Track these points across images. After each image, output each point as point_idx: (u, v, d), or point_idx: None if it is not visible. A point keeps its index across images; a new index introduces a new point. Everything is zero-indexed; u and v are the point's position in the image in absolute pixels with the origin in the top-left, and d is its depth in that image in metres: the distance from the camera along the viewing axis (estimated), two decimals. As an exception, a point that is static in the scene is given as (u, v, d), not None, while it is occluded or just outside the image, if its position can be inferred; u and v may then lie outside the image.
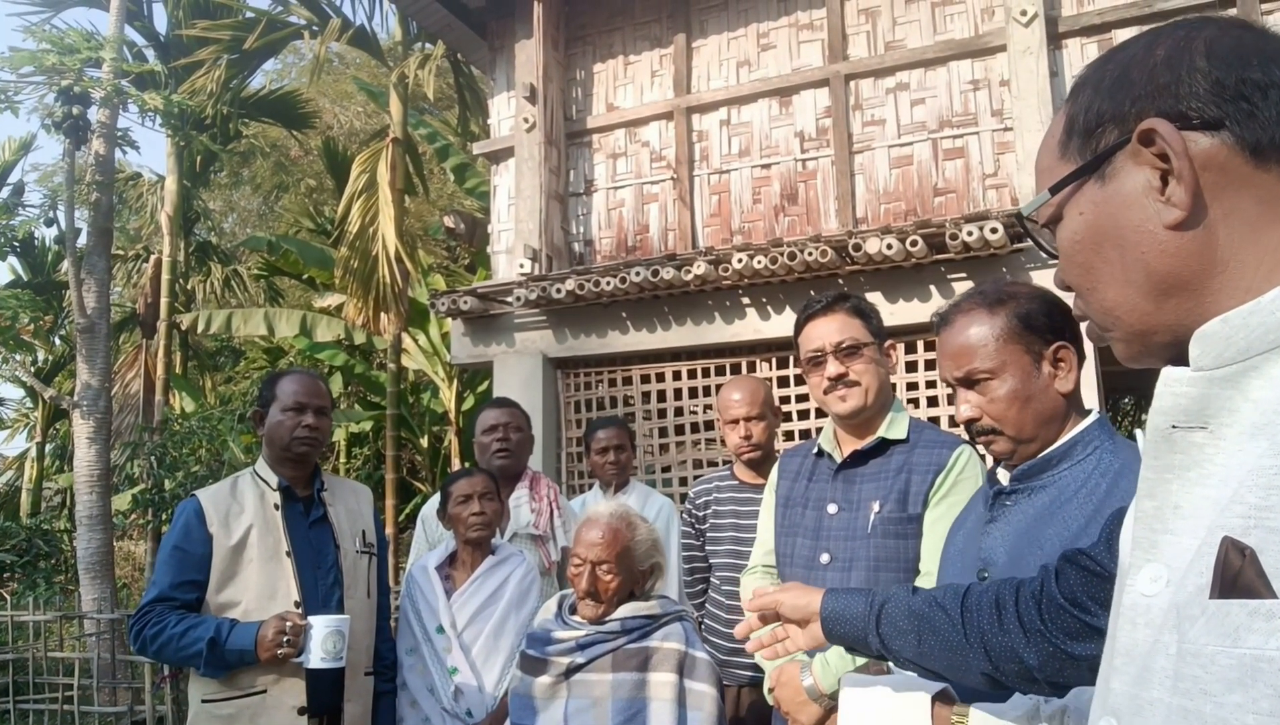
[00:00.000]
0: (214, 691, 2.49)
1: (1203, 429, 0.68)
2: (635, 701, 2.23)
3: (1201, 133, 0.70)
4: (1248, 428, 0.65)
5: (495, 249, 6.53)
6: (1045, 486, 1.56)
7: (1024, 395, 1.57)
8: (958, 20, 5.40)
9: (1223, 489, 0.65)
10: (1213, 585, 0.61)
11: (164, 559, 2.55)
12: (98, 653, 6.24)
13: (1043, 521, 1.52)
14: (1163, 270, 0.72)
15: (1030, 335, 1.59)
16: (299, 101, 11.31)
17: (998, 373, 1.58)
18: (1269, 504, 0.60)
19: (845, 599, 1.39)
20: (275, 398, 2.71)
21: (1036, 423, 1.57)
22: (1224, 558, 0.61)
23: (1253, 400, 0.65)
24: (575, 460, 5.89)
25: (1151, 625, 0.68)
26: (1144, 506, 0.72)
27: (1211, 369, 0.67)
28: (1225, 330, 0.67)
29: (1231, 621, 0.60)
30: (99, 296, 7.62)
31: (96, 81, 7.20)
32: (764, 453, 3.09)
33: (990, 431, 1.59)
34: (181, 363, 13.05)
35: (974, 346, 1.59)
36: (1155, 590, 0.69)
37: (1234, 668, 0.59)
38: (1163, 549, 0.69)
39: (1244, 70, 0.70)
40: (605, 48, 6.39)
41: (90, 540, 7.51)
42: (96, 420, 7.58)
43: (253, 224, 18.88)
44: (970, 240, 4.60)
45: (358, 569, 2.74)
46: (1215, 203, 0.70)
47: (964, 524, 1.75)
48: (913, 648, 1.31)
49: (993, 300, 1.62)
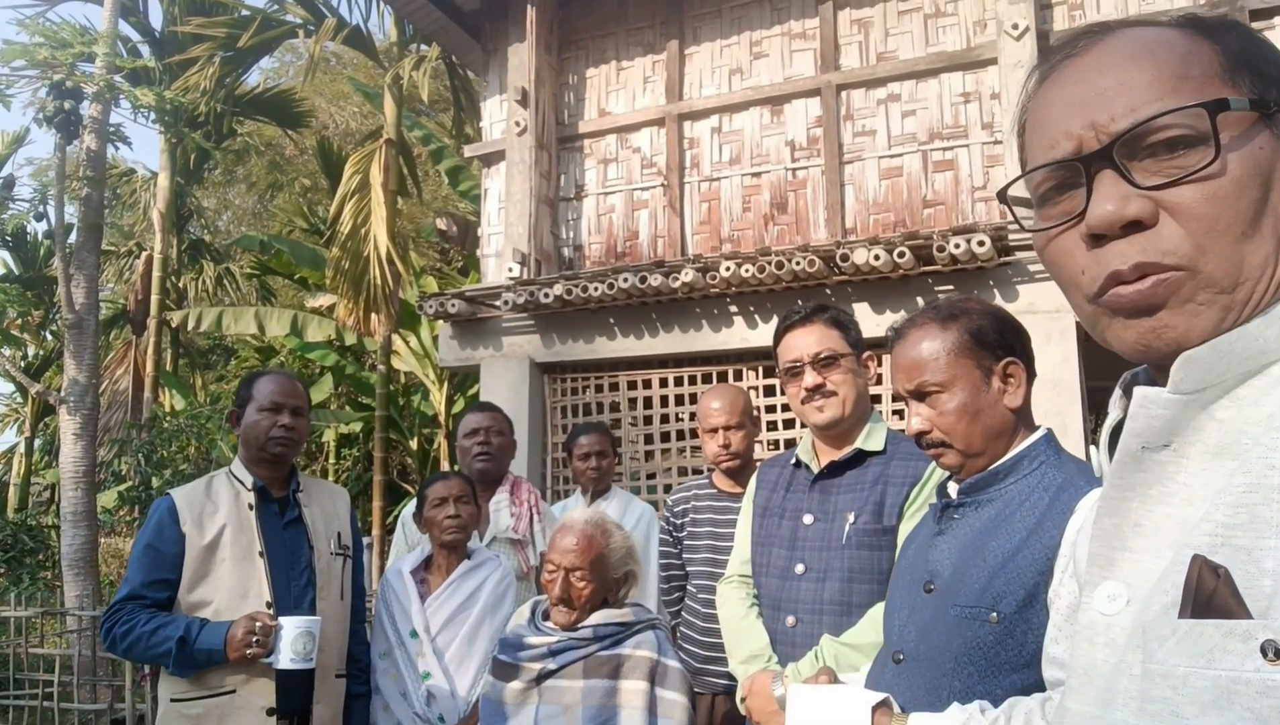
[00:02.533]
0: (183, 691, 2.48)
1: (1166, 448, 0.67)
2: (606, 709, 2.23)
3: None
4: (1213, 447, 0.65)
5: (485, 252, 6.53)
6: (992, 500, 1.58)
7: (973, 409, 1.59)
8: (950, 32, 5.42)
9: (1186, 508, 0.65)
10: (1182, 604, 0.61)
11: (136, 557, 2.54)
12: (79, 649, 6.21)
13: (987, 534, 1.54)
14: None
15: (981, 351, 1.61)
16: (294, 100, 11.31)
17: (948, 386, 1.60)
18: (1236, 522, 0.60)
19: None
20: (252, 398, 2.70)
21: (985, 437, 1.59)
22: (1197, 577, 0.60)
23: (1218, 420, 0.65)
24: (560, 465, 5.88)
25: (1113, 645, 0.67)
26: (1104, 524, 0.71)
27: (1190, 393, 0.66)
28: (1212, 356, 0.66)
29: (1205, 642, 0.58)
30: (88, 292, 7.60)
31: (89, 76, 7.19)
32: (742, 462, 3.09)
33: (940, 444, 1.61)
34: (172, 360, 13.03)
35: (925, 360, 1.61)
36: (1115, 609, 0.68)
37: (1208, 689, 0.58)
38: (1121, 567, 0.69)
39: None
40: (598, 52, 6.40)
41: (75, 536, 7.49)
42: (83, 416, 7.56)
43: (247, 222, 18.87)
44: (958, 253, 4.61)
45: (332, 571, 2.73)
46: None
47: (915, 538, 1.77)
48: None
49: (945, 315, 1.65)
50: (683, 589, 3.27)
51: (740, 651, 2.28)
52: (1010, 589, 1.44)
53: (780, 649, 2.18)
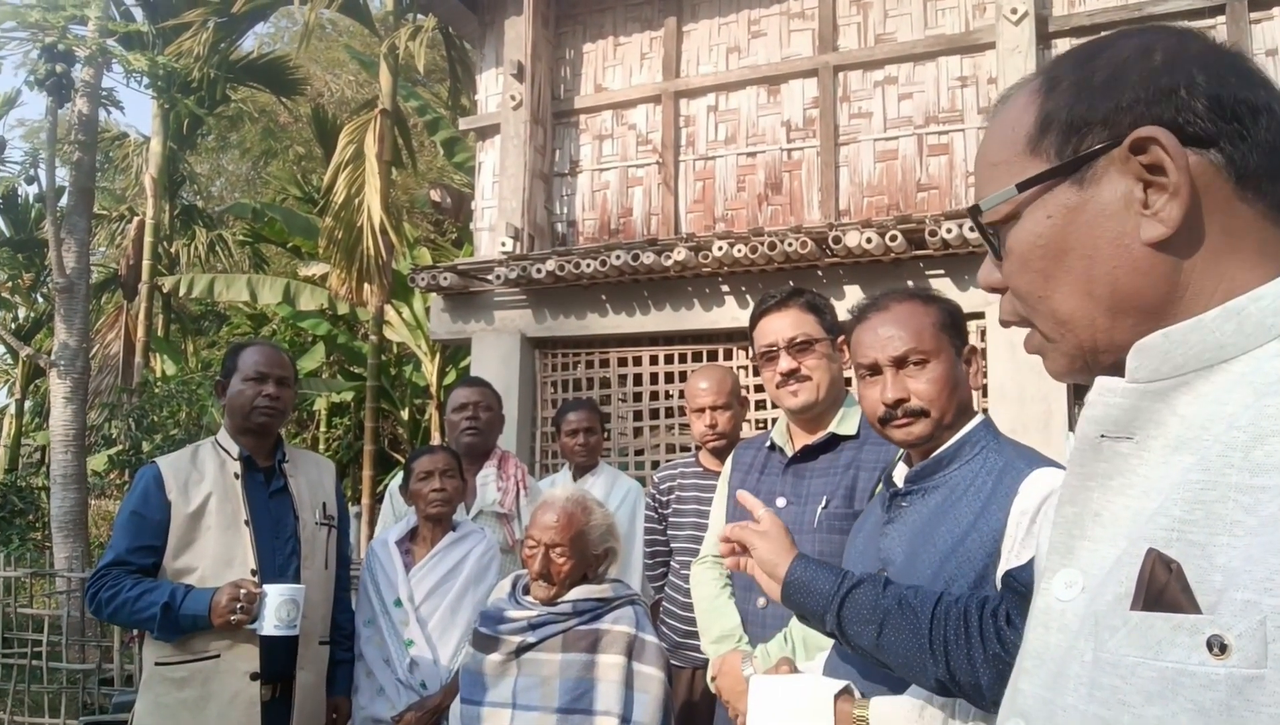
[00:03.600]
0: (167, 655, 2.52)
1: (1129, 439, 0.68)
2: (583, 682, 2.27)
3: (1193, 149, 0.67)
4: (1173, 441, 0.66)
5: (478, 226, 6.51)
6: (938, 487, 1.62)
7: (953, 381, 1.65)
8: (949, 15, 5.40)
9: (1145, 500, 0.66)
10: (1135, 596, 0.62)
11: (122, 523, 2.57)
12: (68, 610, 6.26)
13: (936, 520, 1.58)
14: (1130, 288, 0.69)
15: (954, 331, 1.69)
16: (288, 67, 11.21)
17: (934, 356, 1.65)
18: (1192, 518, 0.60)
19: (814, 571, 1.43)
20: (237, 368, 2.72)
21: (957, 410, 1.65)
22: (1150, 570, 0.61)
23: (1180, 415, 0.66)
24: (549, 440, 5.91)
25: (1066, 631, 0.68)
26: (1064, 512, 0.72)
27: (1146, 382, 0.67)
28: (1165, 345, 0.67)
29: (1154, 634, 0.59)
30: (79, 256, 7.57)
31: (81, 40, 7.13)
32: (729, 441, 3.11)
33: (916, 413, 1.63)
34: (163, 326, 12.99)
35: (916, 329, 1.66)
36: (1070, 596, 0.69)
37: (1155, 680, 0.59)
38: (1079, 555, 0.70)
39: (1240, 90, 0.68)
40: (595, 28, 6.37)
41: (65, 499, 7.52)
42: (74, 380, 7.56)
43: (240, 189, 18.75)
44: (950, 237, 4.62)
45: (316, 540, 2.76)
46: (1194, 225, 0.67)
47: (864, 527, 1.80)
48: (870, 639, 1.34)
49: (923, 296, 1.74)
50: (667, 565, 3.30)
51: (712, 631, 2.31)
52: (961, 571, 1.49)
53: (751, 629, 2.21)
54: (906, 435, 1.65)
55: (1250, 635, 0.55)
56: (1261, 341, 0.64)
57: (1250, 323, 0.64)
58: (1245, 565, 0.56)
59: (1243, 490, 0.58)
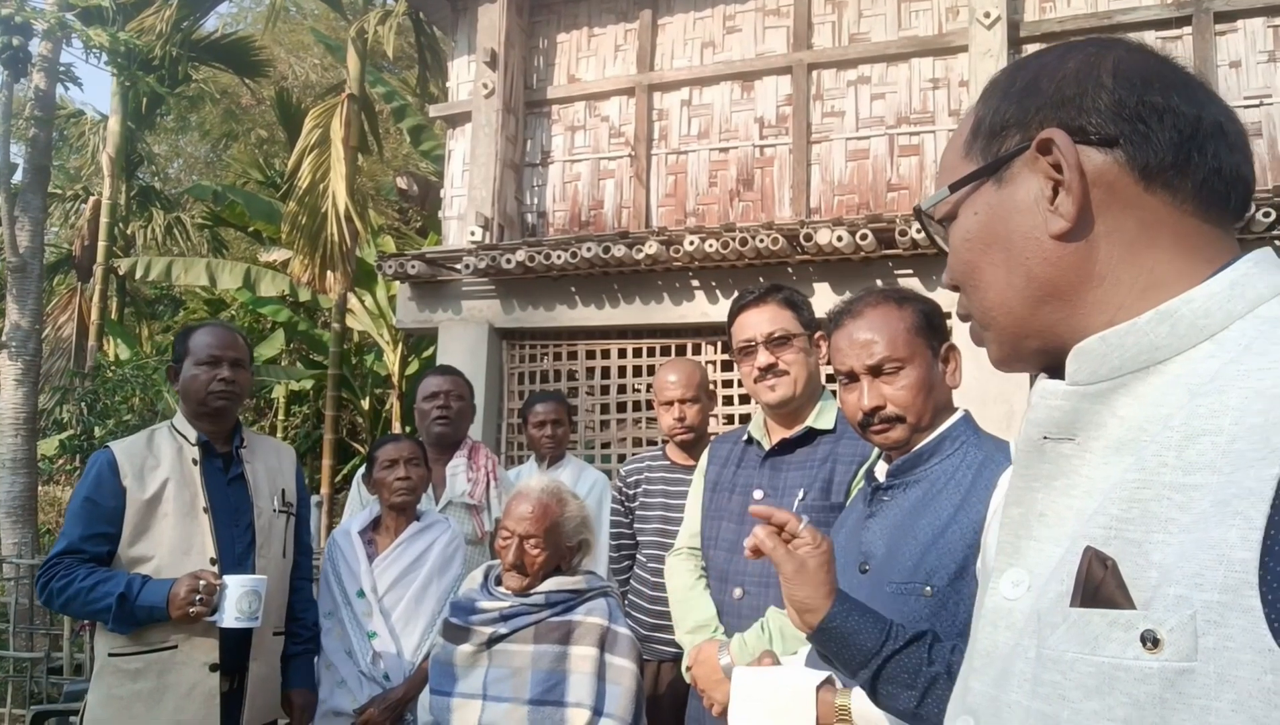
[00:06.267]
0: (121, 646, 2.43)
1: (1071, 441, 0.70)
2: (555, 673, 2.25)
3: (1096, 149, 0.72)
4: (1113, 442, 0.68)
5: (447, 215, 6.44)
6: (918, 481, 1.64)
7: (928, 385, 1.66)
8: (922, 17, 5.43)
9: (1086, 500, 0.68)
10: (1074, 593, 0.63)
11: (74, 511, 2.47)
12: (15, 597, 6.11)
13: (917, 513, 1.60)
14: (1042, 277, 0.74)
15: (930, 332, 1.70)
16: (252, 49, 11.00)
17: (908, 361, 1.66)
18: (1129, 516, 0.62)
19: (857, 622, 1.30)
20: (189, 352, 2.62)
21: (934, 412, 1.67)
22: (1087, 568, 0.63)
23: (1119, 417, 0.68)
24: (515, 431, 5.86)
25: (1013, 629, 0.70)
26: (1010, 513, 0.74)
27: (1085, 384, 0.70)
28: (1102, 348, 0.69)
29: (1091, 630, 0.61)
30: (33, 236, 7.38)
31: (39, 13, 6.92)
32: (697, 435, 3.11)
33: (892, 419, 1.66)
34: (118, 309, 12.72)
35: (889, 336, 1.67)
36: (1017, 594, 0.71)
37: (1092, 675, 0.60)
38: (1025, 554, 0.72)
39: (1145, 93, 0.72)
40: (570, 17, 6.31)
41: (13, 483, 7.34)
42: (25, 362, 7.38)
43: (199, 171, 18.40)
44: (919, 237, 4.65)
45: (273, 528, 2.68)
46: (1100, 218, 0.72)
47: (845, 521, 1.82)
48: (909, 704, 1.27)
49: (897, 297, 1.74)
50: (632, 558, 3.29)
51: (687, 621, 2.31)
52: (942, 563, 1.50)
53: (727, 620, 2.22)
54: (884, 440, 1.69)
55: (1181, 629, 0.56)
56: (1194, 342, 0.66)
57: (1183, 325, 0.67)
58: (1178, 561, 0.58)
59: (1176, 488, 0.60)
